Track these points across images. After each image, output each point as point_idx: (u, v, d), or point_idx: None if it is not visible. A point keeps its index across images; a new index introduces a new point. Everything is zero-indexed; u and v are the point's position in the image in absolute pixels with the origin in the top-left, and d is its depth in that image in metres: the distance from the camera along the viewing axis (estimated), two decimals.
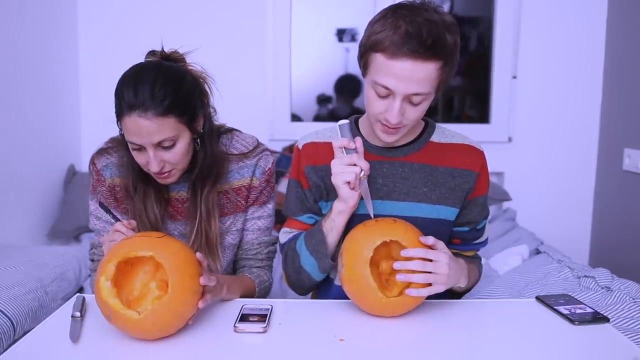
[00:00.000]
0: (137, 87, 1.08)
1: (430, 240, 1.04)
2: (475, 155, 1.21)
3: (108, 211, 1.15)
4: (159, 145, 1.11)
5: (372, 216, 1.11)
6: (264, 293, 1.31)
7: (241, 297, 1.20)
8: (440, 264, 1.01)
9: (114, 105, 1.14)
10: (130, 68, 1.14)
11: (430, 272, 1.00)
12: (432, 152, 1.19)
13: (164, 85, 1.09)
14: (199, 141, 1.20)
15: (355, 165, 1.07)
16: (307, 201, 1.24)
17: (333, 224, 1.13)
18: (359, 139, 1.09)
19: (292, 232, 1.26)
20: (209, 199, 1.24)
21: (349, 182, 1.07)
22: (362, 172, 1.08)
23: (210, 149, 1.22)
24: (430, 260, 1.01)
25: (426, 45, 0.99)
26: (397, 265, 1.00)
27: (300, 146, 1.25)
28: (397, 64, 1.01)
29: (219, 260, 1.26)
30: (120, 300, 0.94)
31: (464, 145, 1.21)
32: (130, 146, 1.14)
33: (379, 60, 1.04)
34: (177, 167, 1.17)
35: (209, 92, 1.22)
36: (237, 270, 1.36)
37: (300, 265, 1.19)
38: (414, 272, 1.00)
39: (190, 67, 1.20)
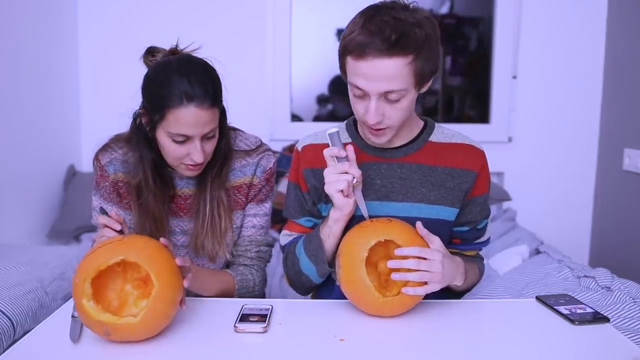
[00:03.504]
0: (190, 78, 1.10)
1: (424, 231, 1.05)
2: (475, 154, 1.20)
3: (107, 215, 1.15)
4: (204, 136, 1.14)
5: (366, 218, 1.11)
6: (247, 293, 1.29)
7: (218, 291, 1.21)
8: (434, 263, 1.01)
9: (149, 98, 1.14)
10: (168, 61, 1.15)
11: (425, 271, 1.00)
12: (431, 152, 1.19)
13: (210, 78, 1.14)
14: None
15: (347, 173, 1.06)
16: (306, 204, 1.24)
17: (330, 231, 1.13)
18: (350, 147, 1.08)
19: (292, 235, 1.27)
20: (223, 189, 1.26)
21: (342, 191, 1.07)
22: (355, 180, 1.08)
23: (228, 139, 1.27)
24: (425, 259, 1.01)
25: (390, 42, 0.99)
26: (391, 264, 1.01)
27: (299, 148, 1.25)
28: (364, 64, 1.02)
29: (225, 248, 1.27)
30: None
31: (463, 145, 1.21)
32: (168, 139, 1.14)
33: (349, 63, 1.05)
34: (207, 158, 1.20)
35: None
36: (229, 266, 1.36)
37: (300, 269, 1.20)
38: (409, 270, 1.00)
39: None
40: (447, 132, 1.23)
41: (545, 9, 2.74)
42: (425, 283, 1.01)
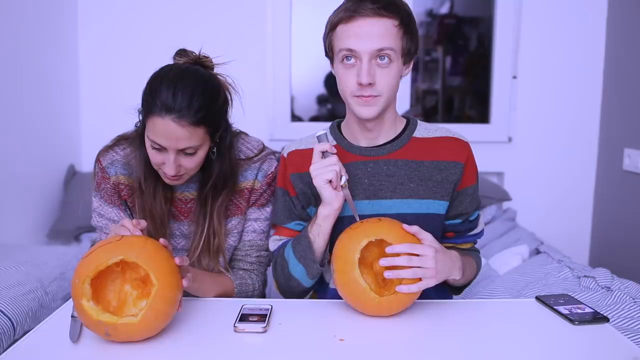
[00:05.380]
0: (176, 90, 1.08)
1: (414, 228, 1.04)
2: (459, 146, 1.21)
3: (128, 209, 1.17)
4: (181, 151, 1.12)
5: (357, 219, 1.11)
6: (246, 297, 1.29)
7: (217, 294, 1.22)
8: (426, 258, 1.00)
9: (142, 98, 1.14)
10: (170, 68, 1.14)
11: (418, 267, 1.00)
12: (416, 148, 1.20)
13: (202, 96, 1.11)
14: (215, 150, 1.21)
15: (334, 165, 1.08)
16: (295, 208, 1.25)
17: (319, 229, 1.13)
18: (334, 149, 1.11)
19: (281, 240, 1.27)
20: (222, 208, 1.25)
21: (330, 182, 1.08)
22: (344, 179, 1.09)
23: (228, 160, 1.24)
24: (417, 255, 1.01)
25: (380, 4, 1.07)
26: (382, 262, 1.00)
27: (285, 154, 1.26)
28: (355, 24, 1.08)
29: (219, 264, 1.27)
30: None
31: (447, 138, 1.22)
32: (149, 143, 1.14)
33: (338, 31, 1.11)
34: (189, 173, 1.18)
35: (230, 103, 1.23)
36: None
37: (290, 272, 1.19)
38: (401, 267, 1.00)
39: (219, 77, 1.21)
40: (430, 127, 1.24)
41: (545, 9, 2.74)
42: (420, 279, 1.01)
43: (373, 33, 1.07)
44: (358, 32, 1.07)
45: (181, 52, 1.20)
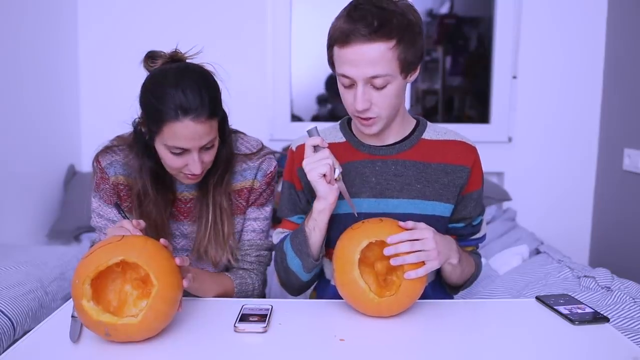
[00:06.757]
0: (184, 90, 1.08)
1: (410, 224, 1.05)
2: (467, 151, 1.22)
3: (121, 210, 1.16)
4: (202, 147, 1.12)
5: (355, 214, 1.12)
6: (245, 297, 1.29)
7: (217, 294, 1.21)
8: (426, 240, 1.02)
9: (146, 110, 1.12)
10: (164, 72, 1.13)
11: (420, 250, 1.01)
12: (425, 149, 1.20)
13: (207, 88, 1.11)
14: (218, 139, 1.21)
15: (326, 158, 1.09)
16: (300, 202, 1.25)
17: (315, 223, 1.14)
18: (325, 142, 1.12)
19: (284, 232, 1.28)
20: (227, 190, 1.26)
21: (324, 176, 1.08)
22: (338, 172, 1.09)
23: (230, 145, 1.26)
24: (417, 240, 1.02)
25: (372, 28, 1.03)
26: (387, 251, 1.01)
27: (293, 148, 1.27)
28: (348, 50, 1.05)
29: (229, 253, 1.27)
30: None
31: (455, 142, 1.22)
32: (165, 150, 1.13)
33: (336, 53, 1.09)
34: (207, 166, 1.19)
35: None
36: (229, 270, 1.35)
37: (288, 265, 1.20)
38: (405, 254, 1.00)
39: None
40: (439, 130, 1.24)
41: (545, 9, 2.74)
42: (423, 263, 1.02)
43: (366, 60, 1.04)
44: (351, 59, 1.05)
45: (152, 55, 1.18)
